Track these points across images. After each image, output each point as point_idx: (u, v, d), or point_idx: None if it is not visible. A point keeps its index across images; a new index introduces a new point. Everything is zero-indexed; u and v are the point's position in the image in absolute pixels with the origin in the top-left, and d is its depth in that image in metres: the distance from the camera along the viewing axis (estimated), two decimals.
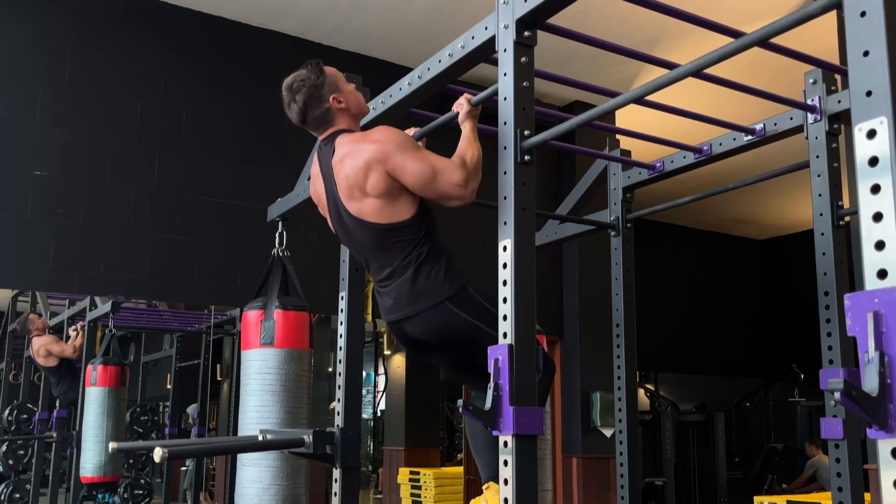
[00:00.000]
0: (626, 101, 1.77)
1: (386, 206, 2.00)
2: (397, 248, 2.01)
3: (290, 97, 2.13)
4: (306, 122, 2.14)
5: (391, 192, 1.99)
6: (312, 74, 2.11)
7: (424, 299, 1.99)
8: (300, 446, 2.31)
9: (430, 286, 1.98)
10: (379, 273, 2.09)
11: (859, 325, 1.04)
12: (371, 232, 2.04)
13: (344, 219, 2.11)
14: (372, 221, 2.02)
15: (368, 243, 2.07)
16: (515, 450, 1.60)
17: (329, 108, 2.11)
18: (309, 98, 2.09)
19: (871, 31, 1.10)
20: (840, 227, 2.35)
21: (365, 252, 2.12)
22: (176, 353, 6.05)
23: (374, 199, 2.00)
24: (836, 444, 2.26)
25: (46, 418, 5.70)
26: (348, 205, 2.06)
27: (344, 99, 2.13)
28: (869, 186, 1.07)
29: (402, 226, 2.00)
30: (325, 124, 2.13)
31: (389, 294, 2.06)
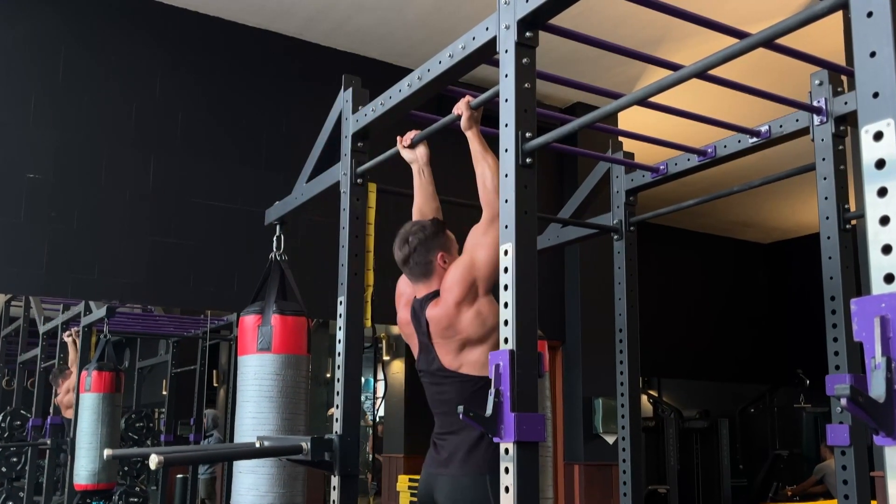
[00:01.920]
0: (630, 102, 1.76)
1: (482, 354, 2.07)
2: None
3: (404, 237, 2.24)
4: (408, 264, 2.24)
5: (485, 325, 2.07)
6: (433, 227, 2.25)
7: (475, 466, 2.03)
8: (298, 453, 2.30)
9: (483, 455, 2.02)
10: (447, 427, 2.15)
11: (866, 330, 1.03)
12: (463, 387, 2.10)
13: (434, 369, 2.17)
14: (468, 374, 2.09)
15: (452, 395, 2.12)
16: (517, 457, 1.58)
17: (432, 262, 2.21)
18: (420, 244, 2.21)
19: (878, 31, 1.08)
20: (846, 231, 2.34)
21: (443, 402, 2.17)
22: (172, 358, 6.03)
23: (474, 348, 2.08)
24: (842, 451, 2.24)
25: (40, 425, 5.68)
26: (444, 359, 2.13)
27: (448, 262, 2.21)
28: (876, 189, 1.06)
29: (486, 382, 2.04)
30: (424, 276, 2.22)
31: (446, 447, 2.12)
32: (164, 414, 6.16)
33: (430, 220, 2.28)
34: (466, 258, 2.11)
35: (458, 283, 2.10)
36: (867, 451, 2.28)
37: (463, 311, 2.09)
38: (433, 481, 2.13)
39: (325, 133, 2.82)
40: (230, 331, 5.70)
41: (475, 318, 2.09)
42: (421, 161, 2.40)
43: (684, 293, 9.05)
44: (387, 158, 2.53)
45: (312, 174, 2.90)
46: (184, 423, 6.33)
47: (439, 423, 2.20)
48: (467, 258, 2.11)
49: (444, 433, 2.16)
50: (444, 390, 2.15)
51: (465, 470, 2.04)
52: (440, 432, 2.18)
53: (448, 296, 2.12)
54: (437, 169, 2.46)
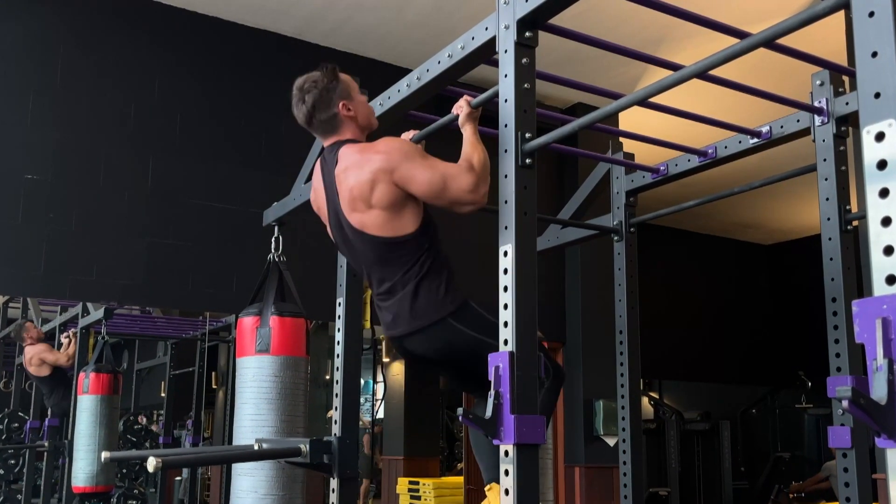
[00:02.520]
0: (630, 103, 1.76)
1: (390, 220, 1.98)
2: (399, 263, 1.99)
3: (299, 96, 2.11)
4: (312, 124, 2.13)
5: (397, 204, 1.97)
6: (325, 77, 2.10)
7: (425, 316, 1.97)
8: (297, 455, 2.29)
9: (431, 302, 1.97)
10: (379, 287, 2.07)
11: (867, 331, 1.03)
12: (373, 245, 2.01)
13: (345, 230, 2.09)
14: (374, 234, 2.00)
15: (369, 256, 2.05)
16: (516, 459, 1.58)
17: (336, 115, 2.09)
18: (318, 100, 2.08)
19: (880, 31, 1.08)
20: (848, 232, 2.33)
21: (365, 265, 2.10)
22: (170, 360, 6.03)
23: (378, 210, 1.98)
24: (843, 454, 2.24)
25: (38, 427, 5.67)
26: (350, 217, 2.04)
27: (353, 108, 2.12)
28: (877, 190, 1.06)
29: (404, 240, 1.98)
30: (331, 130, 2.11)
31: (389, 309, 2.04)
32: (163, 416, 6.15)
33: (320, 69, 2.12)
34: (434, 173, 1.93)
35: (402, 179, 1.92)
36: (869, 454, 2.28)
37: (381, 196, 1.95)
38: (401, 344, 2.06)
39: None
40: (229, 332, 5.70)
41: (390, 206, 1.96)
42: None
43: (685, 294, 9.03)
44: None
45: (311, 175, 2.89)
46: (180, 425, 6.31)
47: (370, 283, 2.11)
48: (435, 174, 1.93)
49: (379, 294, 2.06)
50: (357, 246, 2.06)
51: (421, 323, 1.97)
52: (377, 293, 2.08)
53: (379, 174, 1.93)
54: None
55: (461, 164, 1.94)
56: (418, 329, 1.98)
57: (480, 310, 1.99)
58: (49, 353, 5.57)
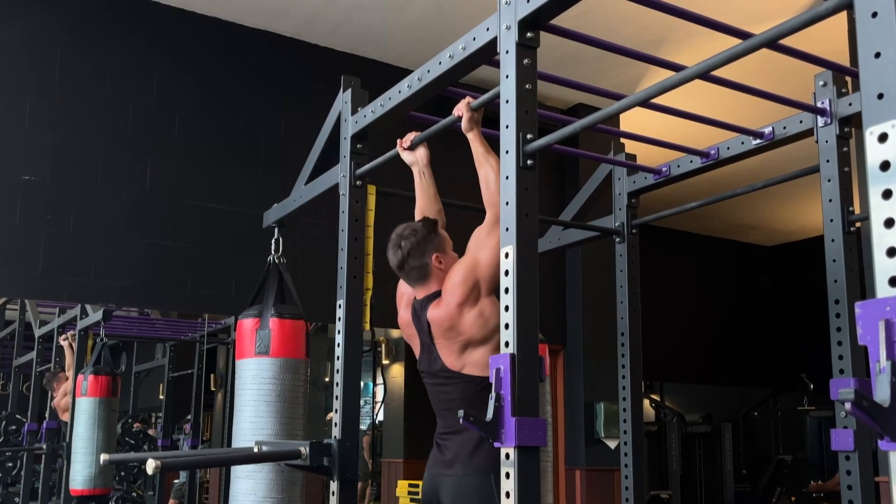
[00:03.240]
0: (632, 103, 1.76)
1: (486, 354, 2.06)
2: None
3: (396, 241, 2.22)
4: (403, 269, 2.23)
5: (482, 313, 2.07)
6: (425, 229, 2.22)
7: (479, 466, 2.03)
8: (296, 458, 2.29)
9: (486, 455, 2.02)
10: (451, 427, 2.13)
11: (870, 333, 1.03)
12: (466, 386, 2.09)
13: (436, 370, 2.17)
14: (470, 374, 2.09)
15: (459, 398, 2.10)
16: (517, 462, 1.58)
17: (427, 265, 2.20)
18: (413, 249, 2.19)
19: (883, 32, 1.08)
20: (851, 234, 2.32)
21: (447, 405, 2.16)
22: (169, 362, 6.01)
23: (476, 348, 2.07)
24: (846, 456, 2.22)
25: (36, 429, 5.66)
26: (446, 359, 2.13)
27: (444, 262, 2.21)
28: (880, 191, 1.05)
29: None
30: (421, 280, 2.21)
31: (450, 448, 2.11)
32: (162, 418, 6.14)
33: (421, 221, 2.27)
34: (469, 259, 2.11)
35: (461, 284, 2.09)
36: (872, 456, 2.27)
37: (465, 312, 2.08)
38: (437, 482, 2.13)
39: (324, 134, 2.80)
40: (228, 334, 5.68)
41: (477, 319, 2.08)
42: (421, 163, 2.38)
43: (686, 296, 9.01)
44: (386, 160, 2.51)
45: (311, 176, 2.89)
46: (178, 428, 6.29)
47: (442, 422, 2.20)
48: (470, 259, 2.10)
49: (447, 433, 2.16)
50: (446, 390, 2.15)
51: (468, 469, 2.05)
52: (443, 432, 2.18)
53: (450, 297, 2.11)
54: (438, 171, 2.45)
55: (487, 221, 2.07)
56: (467, 474, 2.05)
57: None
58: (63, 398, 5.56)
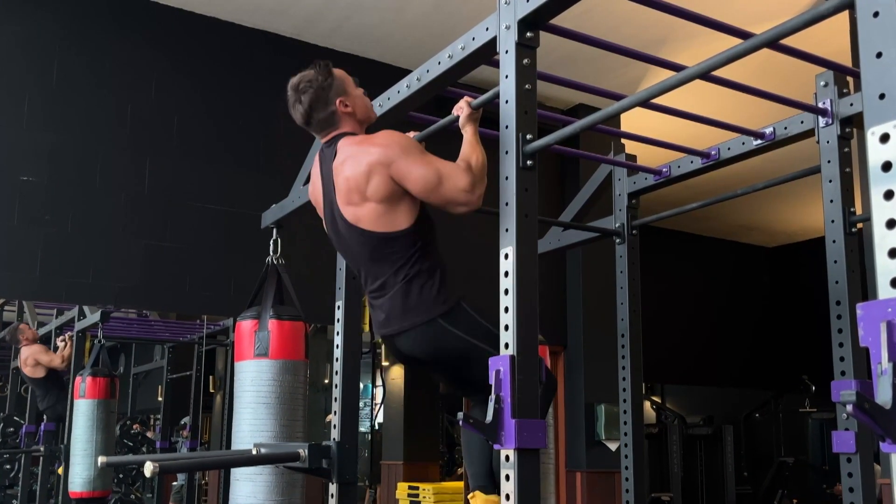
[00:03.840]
0: (632, 104, 1.75)
1: (384, 214, 1.96)
2: (392, 260, 1.97)
3: (295, 97, 2.10)
4: (310, 123, 2.11)
5: (392, 198, 1.95)
6: (320, 76, 2.08)
7: (416, 315, 1.95)
8: (296, 460, 2.28)
9: (422, 302, 1.95)
10: (371, 284, 2.05)
11: (872, 335, 1.02)
12: (366, 240, 2.00)
13: (339, 225, 2.07)
14: (368, 229, 1.98)
15: (363, 252, 2.03)
16: (518, 464, 1.57)
17: (335, 112, 2.08)
18: (315, 100, 2.07)
19: (885, 31, 1.08)
20: (852, 235, 2.32)
21: (358, 261, 2.08)
22: (167, 364, 5.99)
23: (373, 204, 1.96)
24: (848, 458, 2.22)
25: (34, 431, 5.64)
26: (345, 210, 2.03)
27: (351, 103, 2.10)
28: (882, 192, 1.05)
29: (398, 236, 1.96)
30: (329, 127, 2.10)
31: (381, 307, 2.02)
32: (160, 420, 6.12)
33: (313, 67, 2.10)
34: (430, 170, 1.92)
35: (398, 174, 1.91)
36: (873, 459, 2.26)
37: (376, 189, 1.94)
38: (392, 343, 2.05)
39: None
40: (227, 336, 5.67)
41: (385, 200, 1.95)
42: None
43: (687, 297, 9.00)
44: None
45: (310, 177, 2.87)
46: (177, 430, 6.27)
47: (362, 280, 2.09)
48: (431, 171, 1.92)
49: (372, 291, 2.04)
50: (351, 242, 2.05)
51: (411, 322, 1.95)
52: (369, 290, 2.06)
53: (375, 166, 1.92)
54: None
55: (458, 164, 1.93)
56: (408, 328, 1.96)
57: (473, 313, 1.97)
58: (44, 354, 5.55)
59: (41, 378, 5.57)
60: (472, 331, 1.94)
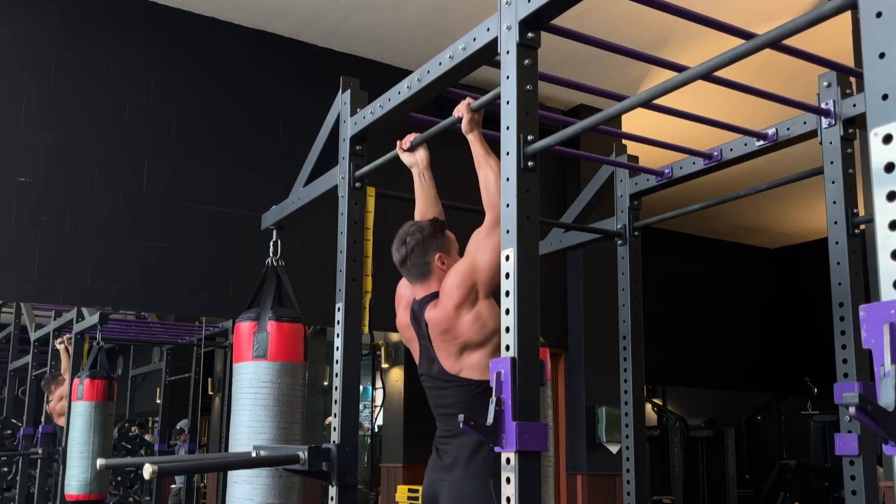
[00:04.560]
0: (634, 104, 1.76)
1: (485, 357, 2.04)
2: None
3: (402, 238, 2.21)
4: (405, 265, 2.22)
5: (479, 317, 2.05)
6: (432, 228, 2.22)
7: (478, 470, 2.01)
8: (295, 463, 2.27)
9: (485, 459, 2.00)
10: (450, 431, 2.12)
11: (875, 337, 1.02)
12: (464, 390, 2.08)
13: (435, 374, 2.15)
14: (468, 378, 2.07)
15: (455, 402, 2.10)
16: (518, 467, 1.57)
17: (429, 263, 2.18)
18: (417, 246, 2.18)
19: (888, 32, 1.07)
20: (855, 236, 2.31)
21: (448, 410, 2.14)
22: (165, 366, 5.99)
23: (474, 351, 2.06)
24: (850, 461, 2.21)
25: (31, 434, 5.63)
26: (444, 362, 2.11)
27: (447, 263, 2.19)
28: (885, 193, 1.04)
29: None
30: (422, 278, 2.20)
31: (449, 452, 2.09)
32: (159, 422, 6.12)
33: (430, 220, 2.25)
34: (467, 261, 2.09)
35: (459, 286, 2.07)
36: (876, 461, 2.25)
37: (462, 314, 2.07)
38: (437, 487, 2.11)
39: (323, 136, 2.79)
40: (225, 338, 5.66)
41: (475, 322, 2.06)
42: (421, 165, 2.37)
43: (689, 299, 8.99)
44: (386, 162, 2.50)
45: (310, 178, 2.88)
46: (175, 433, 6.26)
47: (441, 427, 2.18)
48: (468, 261, 2.09)
49: (446, 437, 2.14)
50: (445, 394, 2.14)
51: (468, 474, 2.03)
52: (442, 436, 2.16)
53: (447, 299, 2.09)
54: (438, 172, 2.43)
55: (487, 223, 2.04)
56: (466, 479, 2.02)
57: None
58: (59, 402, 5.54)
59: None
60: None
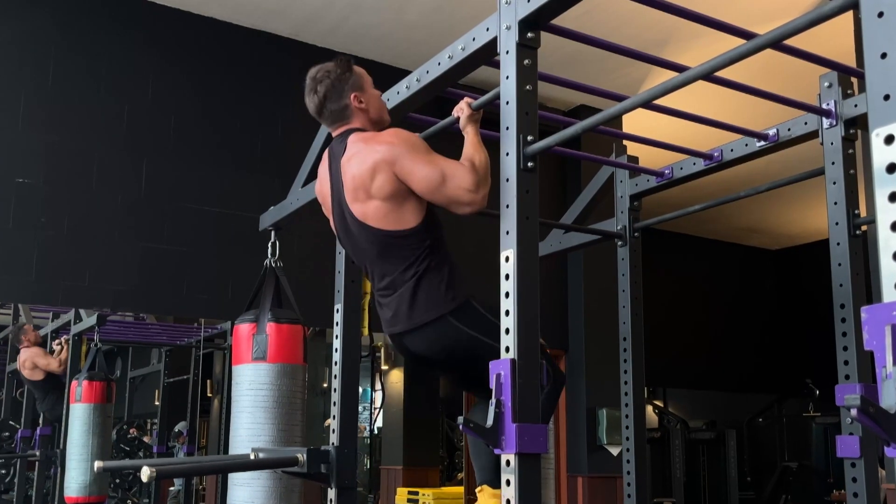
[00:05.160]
0: (634, 105, 1.75)
1: (391, 211, 1.96)
2: (400, 257, 1.97)
3: (311, 86, 2.12)
4: (322, 114, 2.13)
5: (398, 196, 1.95)
6: (339, 68, 2.11)
7: (425, 312, 1.95)
8: (294, 465, 2.26)
9: (431, 299, 1.95)
10: (379, 282, 2.05)
11: (877, 338, 1.02)
12: (374, 238, 2.00)
13: (347, 221, 2.07)
14: (375, 226, 1.99)
15: (371, 250, 2.03)
16: (518, 469, 1.56)
17: (348, 105, 2.10)
18: (330, 90, 2.09)
19: (889, 32, 1.07)
20: (857, 237, 2.31)
21: (366, 258, 2.08)
22: (164, 368, 5.99)
23: (379, 201, 1.97)
24: (852, 463, 2.20)
25: (29, 436, 5.63)
26: (353, 207, 2.03)
27: (365, 100, 2.12)
28: (887, 194, 1.04)
29: (406, 234, 1.96)
30: (341, 120, 2.12)
31: (389, 305, 2.02)
32: (157, 425, 6.11)
33: (334, 60, 2.14)
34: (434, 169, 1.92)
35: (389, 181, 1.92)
36: (878, 463, 2.25)
37: (381, 187, 1.94)
38: (400, 342, 2.04)
39: (322, 136, 2.78)
40: (224, 339, 5.66)
41: (391, 198, 1.95)
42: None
43: (690, 301, 8.98)
44: None
45: (308, 178, 2.86)
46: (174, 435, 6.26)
47: (370, 278, 2.10)
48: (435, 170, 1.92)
49: (380, 290, 2.05)
50: (359, 239, 2.05)
51: (420, 320, 1.95)
52: (377, 288, 2.07)
53: (380, 164, 1.93)
54: None
55: (462, 163, 1.93)
56: (417, 326, 1.96)
57: (482, 310, 1.97)
58: (42, 357, 5.55)
59: (40, 381, 5.56)
60: (481, 328, 1.93)
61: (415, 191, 1.94)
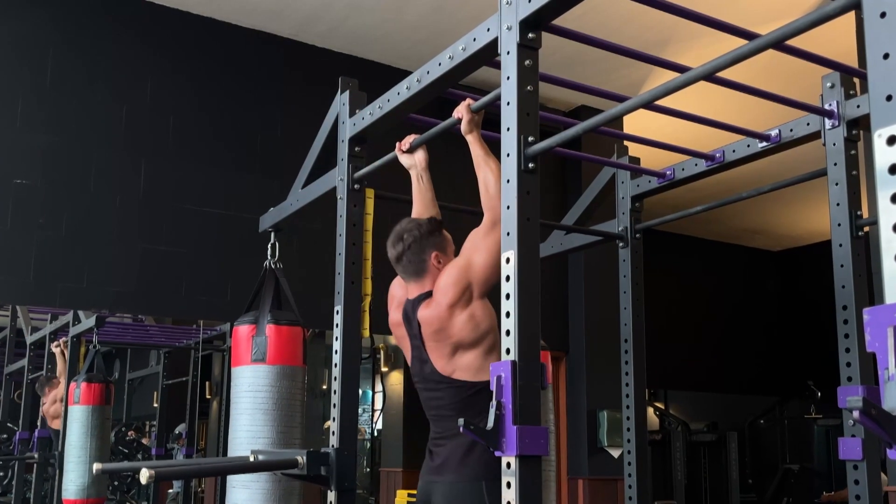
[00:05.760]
0: (635, 105, 1.75)
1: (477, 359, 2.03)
2: (475, 411, 1.95)
3: (398, 234, 2.19)
4: (400, 262, 2.19)
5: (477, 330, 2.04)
6: (429, 225, 2.19)
7: (470, 472, 1.99)
8: (293, 467, 2.26)
9: (477, 461, 1.98)
10: (442, 432, 2.11)
11: (879, 340, 1.02)
12: (456, 392, 2.06)
13: (427, 375, 2.13)
14: (460, 379, 2.05)
15: (448, 403, 2.08)
16: (519, 471, 1.56)
17: (425, 262, 2.15)
18: (414, 243, 2.15)
19: (892, 32, 1.07)
20: (859, 238, 2.31)
21: (440, 412, 2.13)
22: (163, 369, 5.97)
23: (466, 352, 2.04)
24: (854, 466, 2.20)
25: (27, 438, 5.62)
26: (437, 363, 2.09)
27: (442, 262, 2.17)
28: (889, 195, 1.04)
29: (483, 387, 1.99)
30: (416, 276, 2.17)
31: (440, 453, 2.08)
32: (156, 427, 6.10)
33: (427, 218, 2.23)
34: (463, 260, 2.07)
35: (453, 285, 2.05)
36: (880, 466, 2.25)
37: (456, 313, 2.04)
38: (429, 489, 2.10)
39: (322, 137, 2.78)
40: (223, 341, 5.65)
41: (468, 322, 2.04)
42: (419, 166, 2.35)
43: (691, 302, 8.97)
44: (385, 163, 2.48)
45: (308, 179, 2.87)
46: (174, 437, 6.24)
47: (434, 428, 2.16)
48: (464, 260, 2.07)
49: (438, 439, 2.12)
50: (438, 396, 2.12)
51: (459, 476, 2.01)
52: (435, 438, 2.15)
53: (441, 297, 2.07)
54: (437, 174, 2.42)
55: (485, 223, 2.02)
56: (458, 481, 2.00)
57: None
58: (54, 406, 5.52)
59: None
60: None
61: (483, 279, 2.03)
